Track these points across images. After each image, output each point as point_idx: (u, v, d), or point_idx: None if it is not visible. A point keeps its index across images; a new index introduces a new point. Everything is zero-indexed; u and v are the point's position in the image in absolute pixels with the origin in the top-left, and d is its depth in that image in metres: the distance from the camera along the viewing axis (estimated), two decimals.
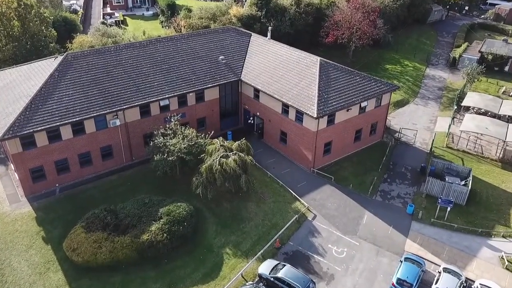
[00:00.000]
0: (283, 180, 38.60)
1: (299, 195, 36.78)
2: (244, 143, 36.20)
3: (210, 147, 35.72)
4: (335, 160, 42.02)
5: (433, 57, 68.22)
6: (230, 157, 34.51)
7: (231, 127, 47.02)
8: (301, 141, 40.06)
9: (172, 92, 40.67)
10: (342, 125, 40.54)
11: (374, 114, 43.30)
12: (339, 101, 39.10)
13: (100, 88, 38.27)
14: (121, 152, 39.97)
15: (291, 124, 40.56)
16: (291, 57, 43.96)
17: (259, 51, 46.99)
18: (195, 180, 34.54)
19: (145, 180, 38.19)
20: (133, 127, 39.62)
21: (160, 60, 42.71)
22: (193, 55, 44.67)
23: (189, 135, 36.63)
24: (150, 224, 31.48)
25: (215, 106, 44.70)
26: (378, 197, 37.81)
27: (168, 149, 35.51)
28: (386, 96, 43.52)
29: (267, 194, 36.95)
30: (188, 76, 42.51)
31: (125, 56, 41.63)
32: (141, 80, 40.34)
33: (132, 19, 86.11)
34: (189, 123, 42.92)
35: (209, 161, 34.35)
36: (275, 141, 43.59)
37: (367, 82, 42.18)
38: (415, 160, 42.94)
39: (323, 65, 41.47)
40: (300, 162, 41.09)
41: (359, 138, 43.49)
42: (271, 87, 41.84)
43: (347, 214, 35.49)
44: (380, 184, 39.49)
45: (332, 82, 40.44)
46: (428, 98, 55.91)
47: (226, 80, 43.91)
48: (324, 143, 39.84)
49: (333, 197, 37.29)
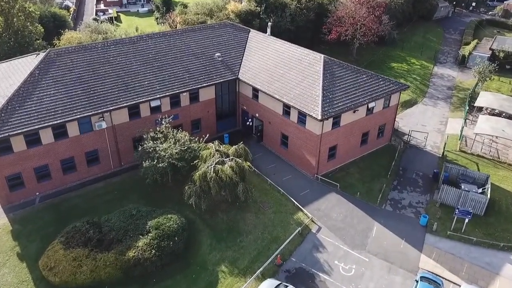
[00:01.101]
0: (285, 187, 35.45)
1: (302, 205, 33.64)
2: (241, 147, 33.07)
3: (205, 152, 32.57)
4: (340, 165, 38.89)
5: (441, 55, 65.11)
6: (226, 163, 31.38)
7: (228, 129, 43.88)
8: (303, 145, 36.92)
9: (164, 91, 37.50)
10: (348, 128, 37.40)
11: (382, 115, 40.17)
12: (345, 102, 35.96)
13: (85, 88, 35.06)
14: (109, 157, 36.80)
15: (293, 127, 37.41)
16: (293, 54, 40.82)
17: (258, 48, 43.83)
18: (188, 189, 31.38)
19: (134, 188, 35.05)
20: (121, 130, 36.43)
21: (151, 57, 39.53)
22: (187, 52, 41.51)
23: (181, 139, 33.47)
24: (137, 239, 28.32)
25: (211, 107, 41.54)
26: (387, 207, 34.68)
27: (158, 154, 32.35)
28: (395, 96, 40.39)
29: (267, 203, 33.81)
30: (181, 74, 39.34)
31: (113, 53, 38.43)
32: (130, 79, 37.16)
33: (126, 16, 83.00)
34: (183, 126, 39.88)
35: (203, 168, 31.23)
36: (276, 145, 40.44)
37: (374, 81, 39.03)
38: (427, 165, 39.83)
39: (327, 62, 38.33)
40: (303, 168, 37.94)
41: (366, 142, 40.35)
42: (271, 87, 38.70)
43: (354, 226, 32.37)
44: (389, 192, 36.35)
45: (337, 81, 37.30)
46: (437, 98, 52.78)
47: (222, 79, 40.75)
48: (328, 147, 36.70)
49: (339, 206, 34.16)
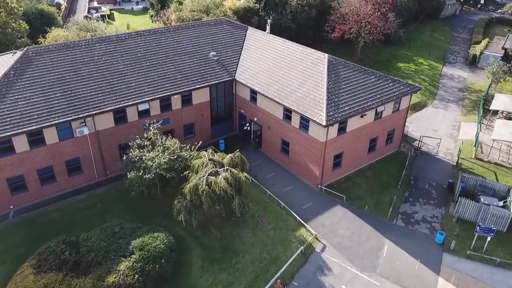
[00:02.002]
0: (286, 200, 32.16)
1: (304, 220, 30.34)
2: (238, 156, 29.78)
3: (196, 161, 29.27)
4: (346, 174, 35.59)
5: (450, 54, 61.83)
6: (220, 174, 28.10)
7: (224, 134, 40.59)
8: (306, 152, 33.63)
9: (153, 94, 34.22)
10: (354, 134, 34.10)
11: (391, 120, 36.87)
12: (352, 106, 32.67)
13: (65, 90, 31.78)
14: (92, 166, 33.51)
15: (295, 133, 34.12)
16: (294, 54, 37.53)
17: (256, 47, 40.54)
18: (177, 203, 28.08)
19: (119, 200, 31.74)
20: (106, 136, 33.14)
21: (140, 56, 36.24)
22: (180, 51, 38.22)
23: (171, 147, 30.17)
24: (118, 261, 25.00)
25: (205, 110, 38.25)
26: (399, 222, 31.39)
27: (144, 164, 29.08)
28: (405, 99, 37.08)
29: (266, 218, 30.51)
30: (173, 75, 36.06)
31: (98, 52, 35.13)
32: (116, 80, 33.87)
33: (120, 14, 79.62)
34: (175, 131, 36.63)
35: (195, 179, 27.94)
36: (276, 152, 37.14)
37: (383, 83, 35.74)
38: (440, 174, 36.53)
39: (332, 62, 35.05)
40: (306, 178, 34.63)
41: (374, 149, 37.05)
42: (270, 89, 35.41)
43: (363, 244, 29.07)
44: (400, 204, 33.05)
45: (343, 82, 34.01)
46: (448, 100, 49.48)
47: (218, 80, 37.47)
48: (333, 155, 33.40)
49: (345, 221, 30.87)
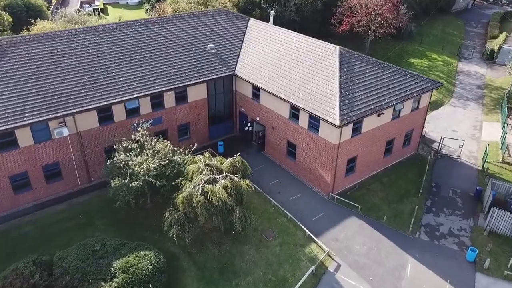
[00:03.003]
0: (293, 210, 28.32)
1: (315, 234, 26.49)
2: (238, 160, 25.95)
3: (191, 167, 25.41)
4: (360, 181, 31.76)
5: (464, 49, 57.89)
6: (218, 182, 24.28)
7: (223, 135, 36.71)
8: (316, 156, 29.78)
9: (143, 90, 30.39)
10: (370, 135, 30.26)
11: (410, 119, 33.03)
12: (368, 103, 28.84)
13: (43, 85, 27.96)
14: (74, 172, 29.67)
15: (303, 134, 30.28)
16: (301, 46, 33.70)
17: (259, 39, 36.70)
18: (168, 216, 24.23)
19: (103, 211, 27.87)
20: (89, 138, 29.31)
21: (129, 48, 32.41)
22: (174, 43, 34.39)
23: (161, 150, 26.32)
24: (98, 286, 21.21)
25: (202, 108, 34.41)
26: (423, 235, 27.53)
27: (131, 170, 25.24)
28: (425, 96, 33.25)
29: (271, 232, 26.66)
30: (165, 69, 32.23)
31: (82, 43, 31.31)
32: (102, 75, 30.04)
33: (114, 8, 75.93)
34: (168, 132, 32.81)
35: (189, 188, 24.10)
36: (281, 155, 33.29)
37: (401, 78, 31.91)
38: (465, 180, 32.69)
39: (344, 55, 31.23)
40: (315, 185, 30.78)
41: (390, 152, 33.21)
42: (275, 84, 31.58)
43: (383, 262, 25.22)
44: (423, 215, 29.20)
45: (357, 77, 30.19)
46: (466, 98, 45.62)
47: (216, 74, 33.63)
48: (347, 159, 29.57)
49: (361, 235, 27.02)
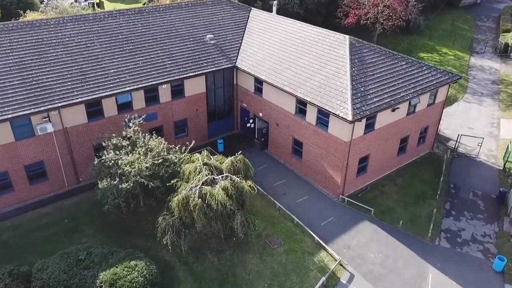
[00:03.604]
0: (300, 214, 25.79)
1: (325, 240, 23.94)
2: (240, 159, 23.42)
3: (188, 167, 22.90)
4: (372, 181, 29.26)
5: (476, 44, 55.43)
6: (218, 183, 21.77)
7: (223, 133, 34.23)
8: (325, 155, 27.25)
9: (136, 83, 27.89)
10: (384, 132, 27.75)
11: (425, 115, 30.52)
12: (382, 97, 26.32)
13: (25, 76, 25.45)
14: (60, 172, 27.16)
15: (310, 130, 27.76)
16: (307, 35, 31.19)
17: (262, 29, 34.19)
18: (162, 221, 21.70)
19: (92, 214, 25.35)
20: (77, 135, 26.80)
21: (121, 38, 29.92)
22: (170, 33, 31.88)
23: (155, 148, 23.80)
24: None
25: (200, 103, 31.90)
26: (443, 242, 24.98)
27: (121, 170, 22.72)
28: (442, 90, 30.74)
29: (276, 238, 24.13)
30: (161, 60, 29.73)
31: (70, 33, 28.82)
32: (91, 66, 27.55)
33: (110, 3, 73.51)
34: (163, 128, 30.32)
35: (185, 190, 21.59)
36: (285, 154, 30.77)
37: (417, 70, 29.40)
38: (485, 181, 30.18)
39: (355, 45, 28.72)
40: (323, 186, 28.25)
41: (404, 150, 30.70)
42: (279, 77, 29.07)
43: (401, 273, 22.68)
44: (442, 219, 26.68)
45: (369, 69, 27.67)
46: (481, 94, 43.11)
47: (215, 67, 31.12)
48: (359, 158, 27.06)
49: (376, 242, 24.47)
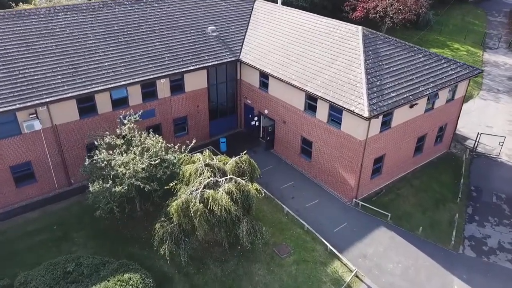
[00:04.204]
0: (310, 219, 23.63)
1: (338, 249, 21.79)
2: (245, 159, 21.25)
3: (188, 168, 20.75)
4: (386, 183, 27.12)
5: (488, 39, 53.24)
6: (221, 186, 19.63)
7: (225, 131, 32.10)
8: (337, 155, 25.09)
9: (132, 77, 25.74)
10: (400, 130, 25.59)
11: (444, 112, 28.38)
12: (400, 92, 24.17)
13: (11, 69, 23.30)
14: (50, 173, 25.02)
15: (321, 128, 25.60)
16: (316, 27, 29.05)
17: (267, 20, 32.05)
18: (159, 228, 19.55)
19: (83, 221, 23.21)
20: (67, 133, 24.67)
21: (117, 29, 27.80)
22: (169, 25, 29.77)
23: (152, 148, 21.65)
24: None
25: (202, 100, 29.78)
26: (467, 250, 22.84)
27: (115, 171, 20.59)
28: (461, 85, 28.61)
29: (285, 247, 21.98)
30: (159, 53, 27.60)
31: (62, 23, 26.69)
32: (83, 58, 25.40)
33: None
34: (162, 126, 28.22)
35: (185, 194, 19.46)
36: (293, 154, 28.62)
37: (435, 63, 27.24)
38: (509, 183, 28.04)
39: (368, 36, 26.58)
40: (335, 189, 26.09)
41: (421, 150, 28.55)
42: (287, 70, 26.92)
43: (424, 285, 20.51)
44: (465, 225, 24.55)
45: (384, 61, 25.52)
46: (497, 90, 40.95)
47: (218, 60, 28.98)
48: (374, 158, 24.91)
49: (394, 250, 22.33)
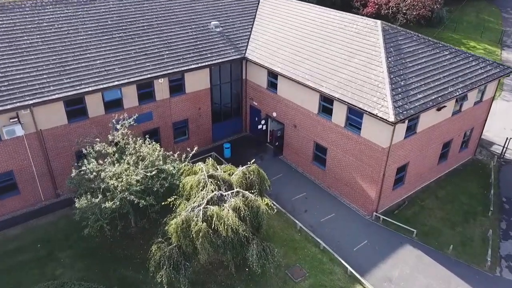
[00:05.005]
0: (326, 236, 21.01)
1: (360, 271, 19.14)
2: (254, 170, 18.64)
3: (188, 180, 18.13)
4: (409, 194, 24.50)
5: (506, 37, 50.60)
6: (227, 201, 17.02)
7: (229, 136, 29.53)
8: (356, 164, 22.45)
9: (127, 76, 23.17)
10: (426, 135, 22.95)
11: (472, 115, 25.78)
12: (427, 93, 21.56)
13: None
14: (35, 184, 22.46)
15: (337, 134, 22.97)
16: (330, 21, 26.46)
17: (275, 15, 29.46)
18: (156, 251, 16.93)
19: (72, 238, 20.60)
20: (54, 139, 22.08)
21: (111, 24, 25.23)
22: (169, 19, 27.21)
23: (148, 156, 19.04)
24: None
25: (204, 101, 27.17)
26: (505, 272, 20.18)
27: (105, 184, 18.00)
28: (491, 85, 25.98)
29: (299, 269, 19.34)
30: (157, 50, 25.03)
31: (50, 17, 24.13)
32: (72, 56, 22.84)
33: None
34: (160, 131, 25.64)
35: (185, 210, 16.84)
36: (305, 161, 25.98)
37: (463, 61, 24.63)
38: None
39: (388, 31, 23.99)
40: (353, 201, 23.45)
41: (445, 156, 25.91)
42: (298, 69, 24.30)
43: None
44: (499, 242, 21.90)
45: (407, 59, 22.90)
46: None
47: (221, 58, 26.39)
48: (397, 167, 22.27)
49: (423, 272, 19.67)
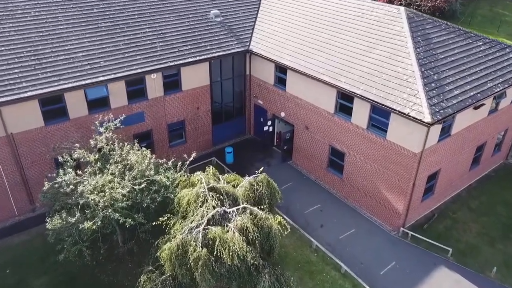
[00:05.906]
0: (347, 257, 17.90)
1: None
2: (262, 180, 15.48)
3: (185, 193, 14.95)
4: (438, 205, 21.41)
5: None
6: (232, 220, 13.89)
7: (232, 138, 26.41)
8: (380, 171, 19.33)
9: (114, 70, 20.04)
10: (460, 138, 19.88)
11: (507, 114, 22.71)
12: (464, 88, 18.49)
13: None
14: (6, 196, 19.30)
15: (358, 136, 19.85)
16: (344, 8, 23.36)
17: (282, 2, 26.30)
18: (146, 283, 13.77)
19: (48, 260, 17.46)
20: (28, 144, 18.94)
21: (96, 13, 22.09)
22: (163, 8, 24.09)
23: (137, 165, 15.87)
24: None
25: (203, 100, 24.02)
26: None
27: (84, 200, 14.84)
28: None
29: None
30: (150, 42, 21.90)
31: (25, 4, 21.01)
32: (51, 47, 19.69)
33: None
34: (153, 134, 22.51)
35: (181, 232, 13.70)
36: (318, 168, 22.83)
37: (499, 52, 21.60)
38: None
39: (413, 19, 20.96)
40: (376, 214, 20.32)
41: (478, 161, 22.84)
42: (310, 61, 21.16)
43: None
44: None
45: (438, 50, 19.84)
46: None
47: (222, 51, 23.27)
48: (428, 175, 19.18)
49: None
